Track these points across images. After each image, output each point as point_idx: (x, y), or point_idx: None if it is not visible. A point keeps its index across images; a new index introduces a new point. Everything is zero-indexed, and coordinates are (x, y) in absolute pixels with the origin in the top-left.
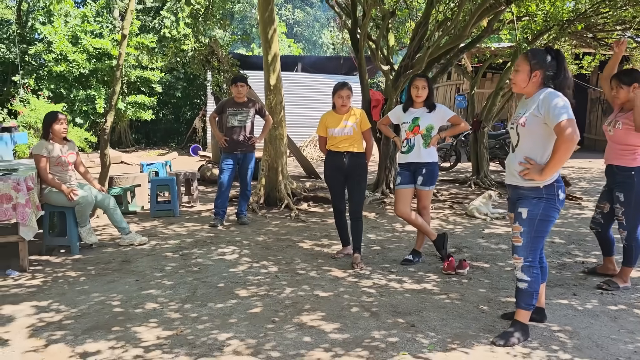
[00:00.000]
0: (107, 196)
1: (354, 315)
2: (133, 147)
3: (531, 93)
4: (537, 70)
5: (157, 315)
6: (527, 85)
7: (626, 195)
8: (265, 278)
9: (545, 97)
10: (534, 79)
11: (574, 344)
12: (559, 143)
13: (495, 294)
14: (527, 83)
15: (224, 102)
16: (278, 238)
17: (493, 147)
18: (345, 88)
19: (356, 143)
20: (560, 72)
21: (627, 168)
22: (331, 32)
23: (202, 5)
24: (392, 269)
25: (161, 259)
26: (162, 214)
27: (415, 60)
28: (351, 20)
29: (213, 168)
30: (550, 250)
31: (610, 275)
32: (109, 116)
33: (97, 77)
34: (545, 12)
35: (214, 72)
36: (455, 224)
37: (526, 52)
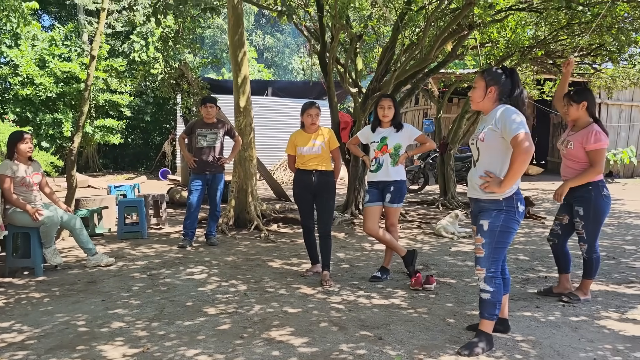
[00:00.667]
0: (73, 217)
1: (322, 330)
2: (101, 171)
3: (488, 109)
4: (492, 87)
5: (123, 334)
6: (483, 100)
7: (585, 209)
8: (234, 296)
9: (502, 113)
10: (489, 94)
11: (537, 353)
12: (515, 156)
13: (461, 308)
14: (483, 98)
15: (193, 123)
16: (247, 258)
17: (460, 169)
18: (314, 107)
19: (325, 162)
20: (515, 89)
21: (584, 184)
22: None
23: (172, 29)
24: (361, 285)
25: (128, 279)
26: (130, 235)
27: (383, 83)
28: (320, 45)
29: (182, 191)
30: (515, 266)
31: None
32: (76, 137)
33: (64, 101)
34: (507, 39)
35: (183, 95)
36: (423, 243)
37: (482, 70)
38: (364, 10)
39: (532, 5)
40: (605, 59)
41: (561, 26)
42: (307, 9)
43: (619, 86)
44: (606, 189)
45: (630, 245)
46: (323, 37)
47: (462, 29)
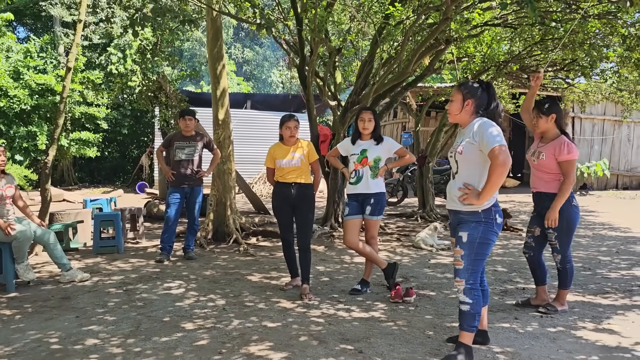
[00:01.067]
0: (47, 231)
1: (302, 344)
2: (76, 185)
3: (466, 122)
4: (468, 99)
5: (97, 351)
6: (461, 113)
7: (558, 220)
8: (212, 311)
9: (480, 126)
10: (466, 107)
11: None
12: (493, 168)
13: (441, 320)
14: (460, 111)
15: (172, 136)
16: (226, 272)
17: (438, 182)
18: (293, 119)
19: (304, 174)
20: (491, 102)
21: (555, 194)
22: (280, 71)
23: (151, 41)
24: (341, 298)
25: (103, 295)
26: (106, 250)
27: (362, 97)
28: (299, 58)
29: (160, 204)
30: (493, 277)
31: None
32: (50, 150)
33: (39, 114)
34: (483, 54)
35: (161, 107)
36: (403, 255)
37: (459, 84)
38: (343, 25)
39: (507, 21)
40: (578, 73)
41: (535, 42)
42: (286, 22)
43: (592, 100)
44: (575, 200)
45: (605, 257)
46: (302, 51)
47: (439, 43)
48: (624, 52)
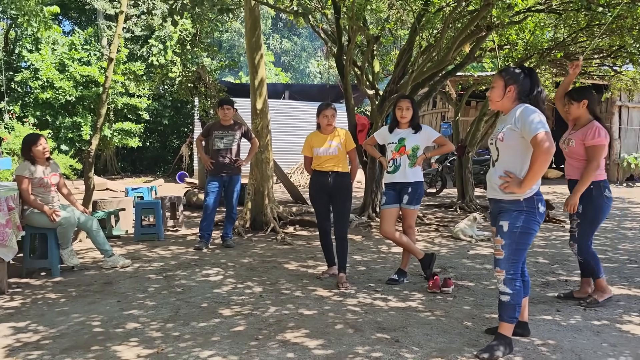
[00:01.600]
0: (90, 218)
1: (338, 332)
2: (119, 174)
3: (508, 108)
4: (510, 85)
5: (138, 335)
6: (502, 100)
7: (584, 207)
8: (249, 298)
9: (522, 112)
10: (508, 93)
11: (557, 357)
12: (535, 155)
13: (480, 311)
14: (502, 98)
15: (210, 125)
16: (263, 260)
17: (478, 172)
18: (330, 108)
19: (341, 163)
20: (534, 88)
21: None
22: (318, 61)
23: (190, 32)
24: (378, 288)
25: (144, 280)
26: (147, 237)
27: (400, 85)
28: (337, 47)
29: (199, 193)
30: (535, 269)
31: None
32: (94, 139)
33: (83, 105)
34: (526, 41)
35: (201, 98)
36: (441, 246)
37: (501, 70)
38: (381, 13)
39: (551, 7)
40: (626, 60)
41: (580, 28)
42: (324, 11)
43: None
44: (608, 191)
45: None
46: (340, 40)
47: (480, 30)
48: None
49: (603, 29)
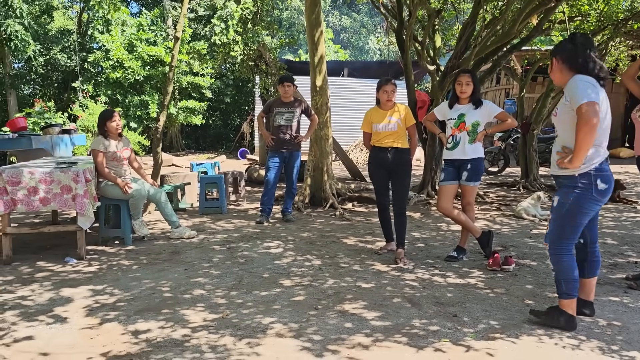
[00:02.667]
0: (159, 190)
1: (395, 305)
2: (184, 151)
3: (562, 82)
4: (554, 57)
5: (204, 301)
6: (554, 73)
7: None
8: (308, 270)
9: (569, 84)
10: (555, 65)
11: (624, 338)
12: (578, 127)
13: (542, 290)
14: (553, 72)
15: (271, 102)
16: (322, 235)
17: (543, 150)
18: (390, 83)
19: (400, 139)
20: (578, 56)
21: None
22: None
23: (251, 11)
24: (436, 264)
25: (209, 251)
26: (211, 211)
27: (462, 61)
28: (397, 22)
29: (260, 169)
30: (602, 250)
31: None
32: (161, 115)
33: (150, 84)
34: (599, 12)
35: (262, 75)
36: (502, 225)
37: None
38: None
39: None
40: None
41: None
42: None
43: None
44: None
45: None
46: (400, 15)
47: (548, 1)
48: None
49: None
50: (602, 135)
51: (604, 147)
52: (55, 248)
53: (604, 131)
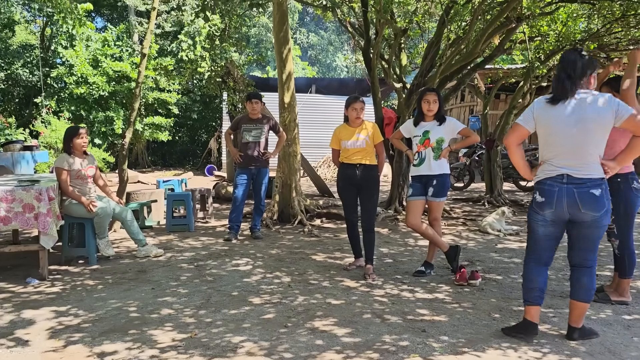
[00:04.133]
0: (124, 208)
1: (365, 321)
2: (149, 168)
3: None
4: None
5: (172, 320)
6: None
7: (614, 203)
8: (278, 287)
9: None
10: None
11: (586, 349)
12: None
13: (507, 304)
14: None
15: (239, 119)
16: (291, 251)
17: (507, 166)
18: (359, 101)
19: (369, 155)
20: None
21: (614, 175)
22: (345, 55)
23: (219, 27)
24: (404, 280)
25: (176, 269)
26: (178, 228)
27: (428, 79)
28: (364, 41)
29: (227, 186)
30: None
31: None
32: (127, 132)
33: (115, 99)
34: (558, 32)
35: (229, 92)
36: (469, 239)
37: None
38: (409, 5)
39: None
40: None
41: (615, 18)
42: (351, 4)
43: None
44: (637, 182)
45: None
46: (367, 33)
47: (509, 22)
48: None
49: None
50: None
51: (553, 162)
52: (16, 268)
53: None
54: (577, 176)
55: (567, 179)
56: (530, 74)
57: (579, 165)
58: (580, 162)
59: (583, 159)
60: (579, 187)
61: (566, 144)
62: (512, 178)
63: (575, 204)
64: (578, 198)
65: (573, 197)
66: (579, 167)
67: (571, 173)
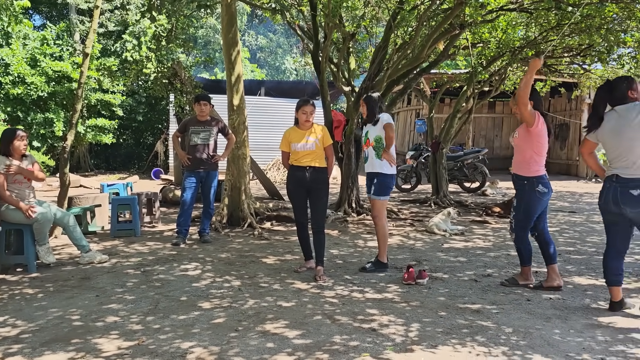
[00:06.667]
0: (66, 213)
1: (316, 323)
2: (92, 171)
3: None
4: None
5: (118, 328)
6: None
7: (518, 200)
8: (228, 291)
9: None
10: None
11: (527, 343)
12: None
13: (454, 301)
14: None
15: (187, 121)
16: (241, 255)
17: (452, 168)
18: (309, 104)
19: (318, 158)
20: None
21: (521, 177)
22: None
23: (165, 28)
24: (355, 280)
25: (122, 275)
26: (123, 233)
27: (375, 82)
28: (313, 44)
29: (175, 189)
30: (506, 262)
31: (557, 286)
32: (69, 134)
33: (56, 101)
34: (498, 39)
35: (176, 94)
36: (416, 240)
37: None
38: (357, 10)
39: (523, 6)
40: (595, 59)
41: (551, 26)
42: (300, 7)
43: None
44: (543, 186)
45: None
46: (316, 37)
47: (453, 28)
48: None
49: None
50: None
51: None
52: None
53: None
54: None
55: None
56: (473, 78)
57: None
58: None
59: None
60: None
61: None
62: (457, 180)
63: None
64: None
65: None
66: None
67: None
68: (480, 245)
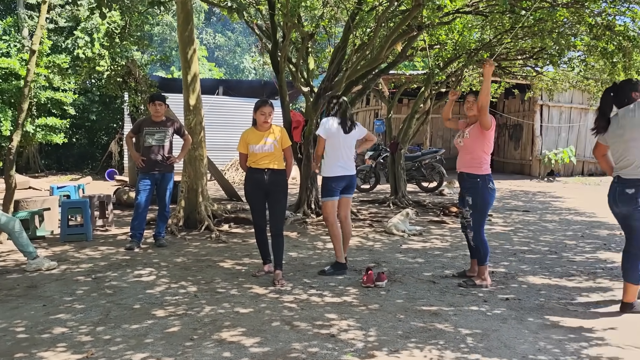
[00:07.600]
0: (11, 218)
1: (274, 329)
2: (43, 172)
3: None
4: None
5: (65, 340)
6: None
7: (473, 199)
8: (183, 298)
9: None
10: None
11: (484, 345)
12: None
13: (412, 304)
14: None
15: (141, 121)
16: (198, 259)
17: (410, 168)
18: (267, 105)
19: (277, 160)
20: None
21: (474, 175)
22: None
23: (119, 25)
24: (313, 284)
25: (72, 283)
26: (74, 238)
27: (334, 83)
28: (271, 44)
29: (130, 191)
30: (463, 262)
31: (478, 285)
32: (15, 135)
33: (2, 99)
34: (454, 41)
35: (131, 93)
36: (375, 241)
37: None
38: (316, 10)
39: (478, 9)
40: (547, 62)
41: (505, 30)
42: (258, 6)
43: (559, 88)
44: (492, 183)
45: (570, 240)
46: (275, 36)
47: (411, 30)
48: (590, 40)
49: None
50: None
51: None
52: None
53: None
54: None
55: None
56: (430, 80)
57: None
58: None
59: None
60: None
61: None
62: (415, 180)
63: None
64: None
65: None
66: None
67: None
68: (438, 245)
